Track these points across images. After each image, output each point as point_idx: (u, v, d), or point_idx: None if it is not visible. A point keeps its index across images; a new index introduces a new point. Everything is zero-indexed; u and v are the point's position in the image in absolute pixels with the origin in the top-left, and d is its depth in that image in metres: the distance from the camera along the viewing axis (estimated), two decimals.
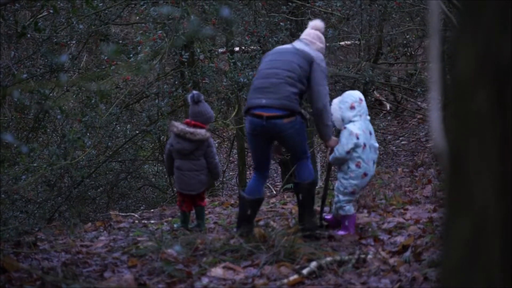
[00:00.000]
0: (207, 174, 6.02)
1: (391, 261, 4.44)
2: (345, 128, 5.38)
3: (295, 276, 4.16)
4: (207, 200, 6.90)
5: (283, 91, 5.09)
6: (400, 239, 5.12)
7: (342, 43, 12.89)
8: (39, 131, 10.32)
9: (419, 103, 15.82)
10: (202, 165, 5.97)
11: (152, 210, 8.57)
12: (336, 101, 5.48)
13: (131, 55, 8.42)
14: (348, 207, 5.40)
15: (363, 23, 11.33)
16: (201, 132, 5.91)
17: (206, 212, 6.63)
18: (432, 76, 1.89)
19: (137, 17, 10.55)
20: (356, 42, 12.94)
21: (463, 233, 1.62)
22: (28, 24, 8.29)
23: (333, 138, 5.38)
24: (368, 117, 5.52)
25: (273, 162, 12.00)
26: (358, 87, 11.22)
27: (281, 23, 9.53)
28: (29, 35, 9.05)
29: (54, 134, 10.85)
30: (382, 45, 13.59)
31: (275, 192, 10.94)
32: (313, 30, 5.49)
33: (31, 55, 10.01)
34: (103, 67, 10.38)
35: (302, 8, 10.36)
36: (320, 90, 5.18)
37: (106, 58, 9.54)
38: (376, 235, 5.30)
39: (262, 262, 4.44)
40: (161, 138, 11.60)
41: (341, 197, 5.39)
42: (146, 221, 6.97)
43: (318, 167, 11.59)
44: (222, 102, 11.27)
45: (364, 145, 5.36)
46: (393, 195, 7.37)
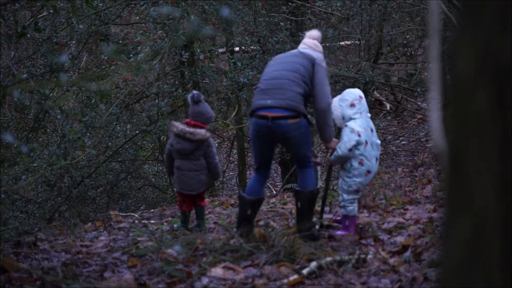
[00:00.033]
0: (207, 174, 6.02)
1: (391, 261, 4.44)
2: (346, 126, 5.37)
3: (295, 276, 4.16)
4: (207, 200, 6.90)
5: (289, 91, 5.10)
6: (400, 239, 5.12)
7: (342, 43, 12.88)
8: (39, 131, 10.32)
9: (419, 103, 15.81)
10: (202, 165, 5.97)
11: (152, 210, 8.56)
12: (336, 99, 5.48)
13: (131, 55, 8.41)
14: (352, 207, 5.39)
15: (363, 23, 11.32)
16: (201, 132, 5.91)
17: (206, 212, 6.63)
18: (432, 76, 1.89)
19: (137, 17, 10.54)
20: (356, 42, 12.93)
21: (463, 233, 1.62)
22: (28, 24, 8.29)
23: (334, 140, 5.38)
24: (369, 115, 5.52)
25: (273, 162, 11.96)
26: (358, 87, 11.18)
27: (281, 23, 9.53)
28: (29, 35, 9.05)
29: (54, 134, 10.84)
30: (382, 45, 13.58)
31: (275, 192, 10.93)
32: (310, 39, 5.51)
33: (31, 55, 10.01)
34: (103, 67, 10.37)
35: (302, 8, 10.36)
36: (324, 90, 5.19)
37: (106, 58, 9.54)
38: (376, 235, 5.30)
39: (262, 262, 4.44)
40: (161, 138, 11.59)
41: (345, 196, 5.38)
42: (146, 221, 6.97)
43: (318, 167, 11.56)
44: (222, 102, 11.26)
45: (366, 143, 5.36)
46: (393, 195, 7.37)
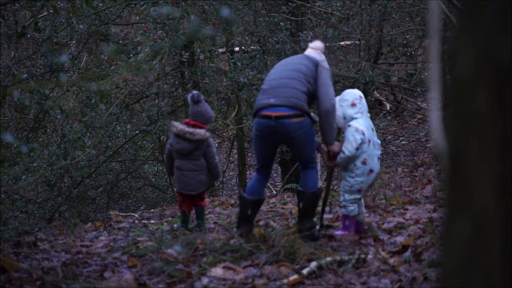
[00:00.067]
0: (207, 174, 6.02)
1: (391, 261, 4.44)
2: (349, 125, 5.36)
3: (295, 276, 4.16)
4: (207, 200, 6.90)
5: (291, 89, 5.10)
6: (400, 239, 5.12)
7: (342, 43, 12.88)
8: (39, 131, 10.31)
9: (419, 103, 15.81)
10: (202, 165, 5.97)
11: (152, 210, 8.57)
12: (336, 100, 5.47)
13: (131, 55, 8.41)
14: (352, 208, 5.38)
15: (363, 23, 11.31)
16: (201, 132, 5.91)
17: (206, 212, 6.63)
18: (432, 76, 1.89)
19: (137, 17, 10.54)
20: (356, 42, 12.93)
21: (463, 233, 1.62)
22: (28, 24, 8.29)
23: (336, 143, 5.35)
24: (368, 114, 5.53)
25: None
26: (358, 87, 11.17)
27: (281, 23, 9.52)
28: (29, 35, 9.05)
29: (54, 134, 10.84)
30: (382, 45, 13.57)
31: (275, 192, 10.93)
32: (313, 50, 5.52)
33: (31, 55, 10.00)
34: (103, 67, 10.37)
35: (302, 8, 10.36)
36: (328, 91, 5.20)
37: (106, 58, 9.54)
38: (376, 235, 5.30)
39: (262, 262, 4.44)
40: (161, 138, 11.58)
41: (347, 196, 5.37)
42: (146, 221, 6.97)
43: (318, 167, 11.56)
44: (222, 102, 11.25)
45: (369, 141, 5.36)
46: (393, 195, 7.37)
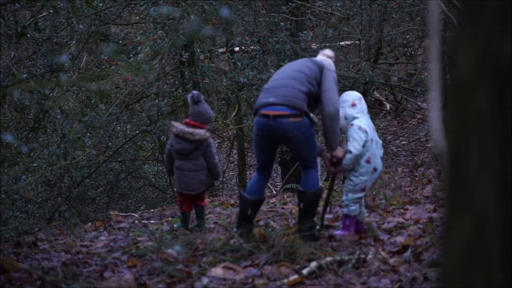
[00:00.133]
0: (207, 174, 6.02)
1: (391, 261, 4.44)
2: (352, 124, 5.36)
3: (295, 276, 4.16)
4: (207, 200, 6.90)
5: (291, 89, 5.11)
6: (400, 239, 5.12)
7: (342, 43, 12.88)
8: (39, 131, 10.31)
9: (419, 103, 15.81)
10: (201, 165, 5.97)
11: (152, 210, 8.56)
12: None
13: (131, 55, 8.41)
14: (354, 207, 5.38)
15: (363, 23, 11.31)
16: (200, 132, 5.91)
17: (206, 212, 6.63)
18: (432, 76, 1.89)
19: (137, 17, 10.54)
20: (356, 42, 12.93)
21: (463, 233, 1.62)
22: (28, 24, 8.29)
23: (339, 148, 5.28)
24: (368, 115, 5.53)
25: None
26: (358, 87, 11.21)
27: (281, 23, 9.52)
28: (29, 35, 9.05)
29: (54, 134, 10.84)
30: (382, 45, 13.57)
31: (275, 192, 10.93)
32: (323, 56, 5.53)
33: (31, 55, 10.00)
34: (103, 67, 10.37)
35: (302, 8, 10.36)
36: (332, 95, 5.19)
37: (106, 58, 9.54)
38: (376, 235, 5.30)
39: (262, 262, 4.44)
40: (161, 138, 11.58)
41: (350, 195, 5.36)
42: (146, 221, 6.97)
43: (318, 167, 11.56)
44: (222, 102, 11.25)
45: (372, 140, 5.37)
46: (393, 195, 7.37)
